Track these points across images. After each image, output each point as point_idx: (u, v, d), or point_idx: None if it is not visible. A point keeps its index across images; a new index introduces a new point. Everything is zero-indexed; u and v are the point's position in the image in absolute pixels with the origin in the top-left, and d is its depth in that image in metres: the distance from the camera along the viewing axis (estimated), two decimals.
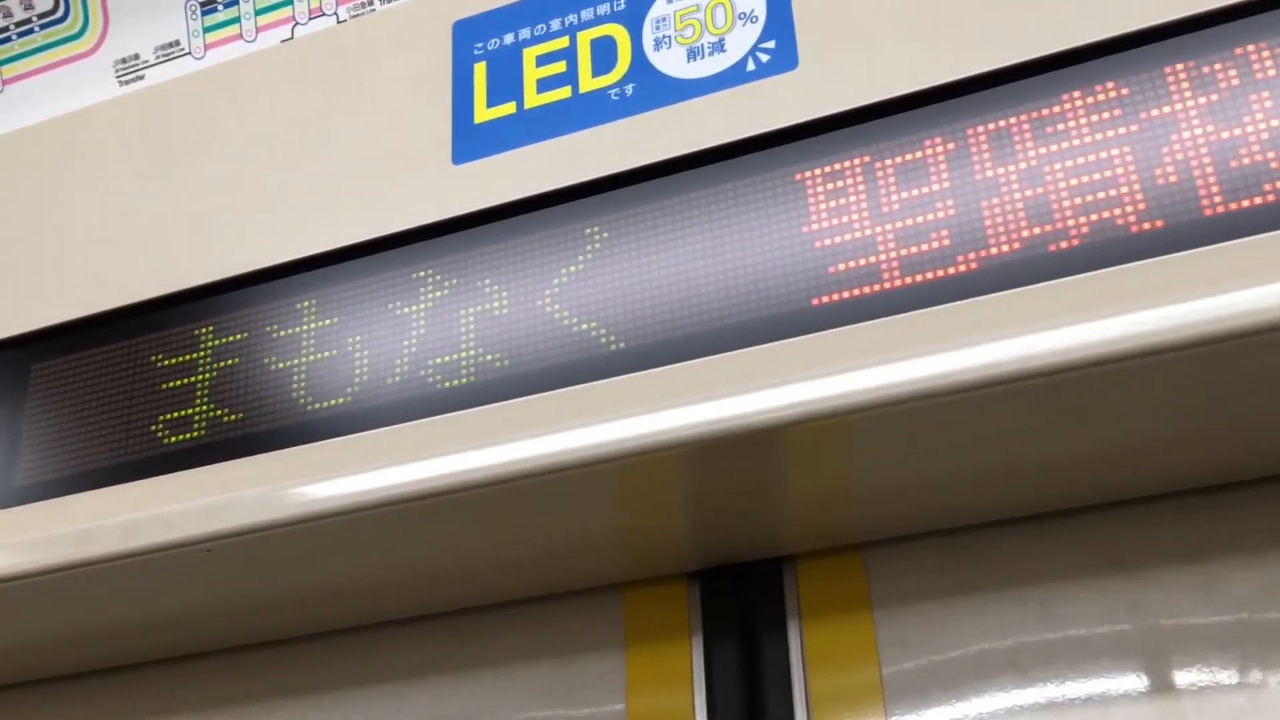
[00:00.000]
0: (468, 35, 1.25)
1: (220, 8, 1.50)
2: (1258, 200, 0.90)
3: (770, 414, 0.96)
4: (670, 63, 1.15)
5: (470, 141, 1.19)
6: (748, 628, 1.18)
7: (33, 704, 1.42)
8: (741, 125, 1.08)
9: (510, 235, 1.13)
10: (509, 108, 1.20)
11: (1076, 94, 0.98)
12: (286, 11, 1.49)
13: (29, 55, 1.57)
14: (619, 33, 1.18)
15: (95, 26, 1.54)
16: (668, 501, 1.11)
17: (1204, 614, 1.04)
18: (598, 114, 1.15)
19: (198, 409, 1.16)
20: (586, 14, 1.20)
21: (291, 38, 1.49)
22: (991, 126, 1.00)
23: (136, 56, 1.52)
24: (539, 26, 1.22)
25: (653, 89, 1.15)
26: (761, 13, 1.13)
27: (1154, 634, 1.05)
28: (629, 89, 1.16)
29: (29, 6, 1.56)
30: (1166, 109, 0.95)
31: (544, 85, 1.19)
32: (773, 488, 1.09)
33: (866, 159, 1.03)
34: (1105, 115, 0.96)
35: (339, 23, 1.46)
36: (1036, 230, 0.95)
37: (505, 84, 1.21)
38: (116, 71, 1.53)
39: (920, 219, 0.99)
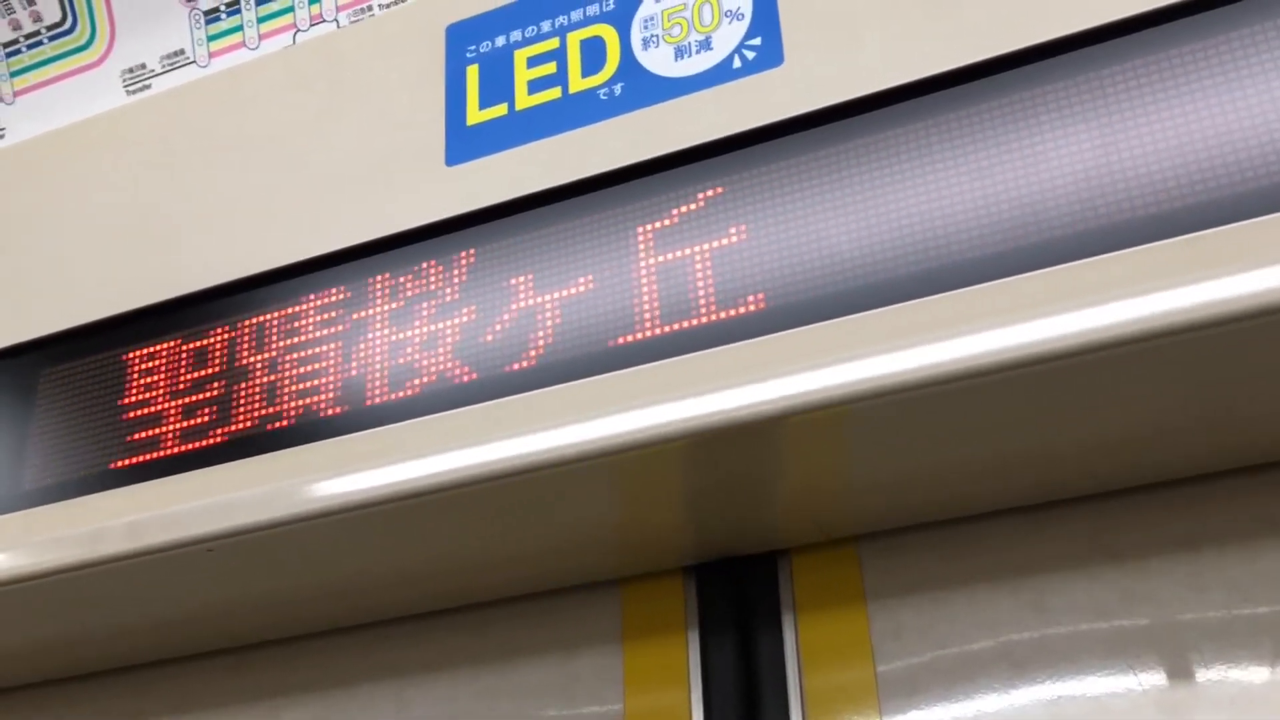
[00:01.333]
0: (460, 38, 1.26)
1: (223, 16, 1.52)
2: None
3: (763, 407, 0.97)
4: (658, 61, 1.16)
5: (464, 143, 1.20)
6: (744, 622, 1.19)
7: (44, 705, 1.44)
8: (729, 122, 1.09)
9: (504, 235, 1.14)
10: (501, 109, 1.21)
11: None
12: (288, 19, 1.51)
13: (39, 67, 1.60)
14: (608, 33, 1.19)
15: (102, 37, 1.57)
16: (664, 496, 1.12)
17: (1199, 604, 1.04)
18: (588, 114, 1.16)
19: (203, 411, 1.18)
20: (576, 15, 1.21)
21: (294, 44, 1.51)
22: (986, 109, 1.00)
23: (143, 66, 1.55)
24: (529, 28, 1.23)
25: (641, 88, 1.15)
26: (748, 10, 1.14)
27: (1150, 625, 1.04)
28: (618, 88, 1.17)
29: (38, 19, 1.59)
30: None
31: (535, 86, 1.20)
32: (767, 481, 1.10)
33: (854, 151, 1.03)
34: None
35: (339, 28, 1.48)
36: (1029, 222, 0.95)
37: (497, 86, 1.22)
38: (124, 81, 1.56)
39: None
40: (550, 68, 1.20)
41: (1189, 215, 0.90)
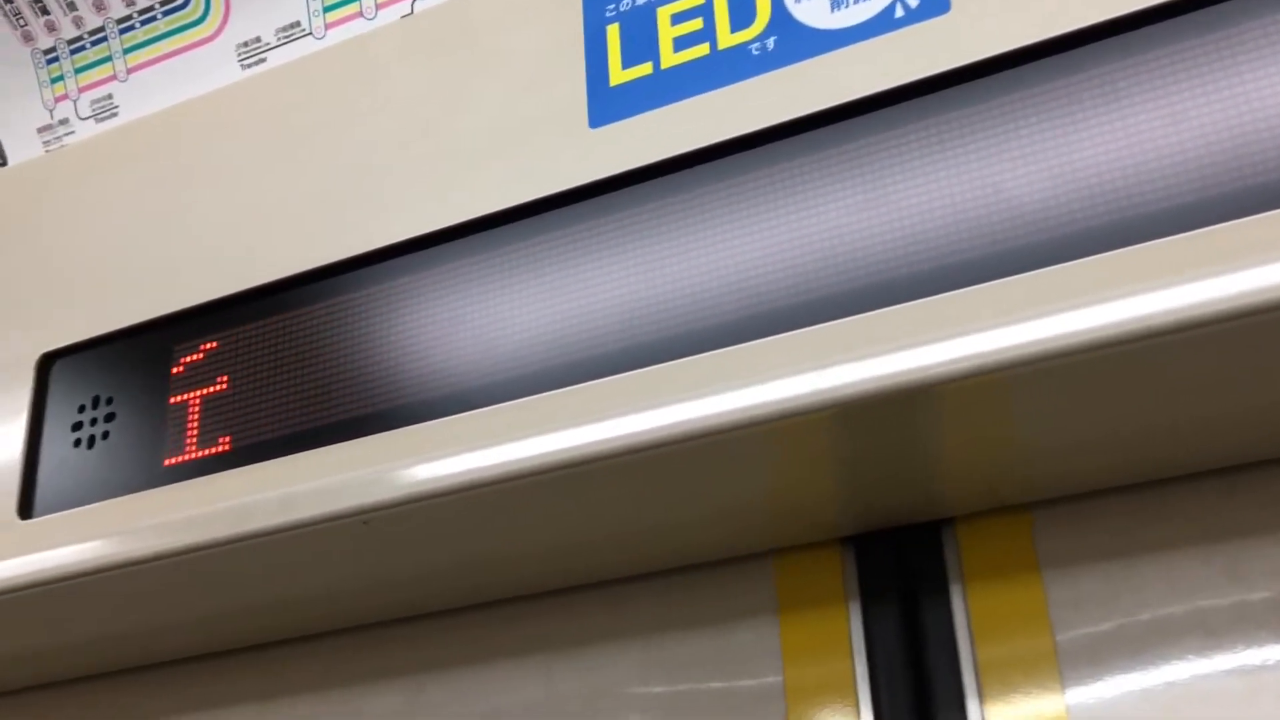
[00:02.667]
0: None
1: None
2: None
3: (920, 373, 0.93)
4: (813, 13, 1.12)
5: (606, 104, 1.17)
6: (908, 593, 1.15)
7: (173, 684, 1.44)
8: (891, 75, 1.05)
9: (652, 199, 1.11)
10: (645, 68, 1.17)
11: None
12: None
13: (152, 43, 1.58)
14: None
15: (216, 11, 1.55)
16: (819, 465, 1.08)
17: None
18: (738, 70, 1.12)
19: (344, 382, 1.16)
20: None
21: (411, 13, 1.48)
22: (1155, 58, 0.95)
23: (258, 39, 1.53)
24: None
25: (795, 41, 1.11)
26: None
27: None
28: (770, 43, 1.12)
29: None
30: None
31: (680, 43, 1.16)
32: (929, 447, 1.06)
33: (1030, 98, 0.98)
34: None
35: None
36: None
37: (640, 44, 1.18)
38: (239, 56, 1.53)
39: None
40: (696, 24, 1.16)
41: None
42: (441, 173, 1.21)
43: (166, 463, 1.21)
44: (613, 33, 1.20)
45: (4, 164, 1.63)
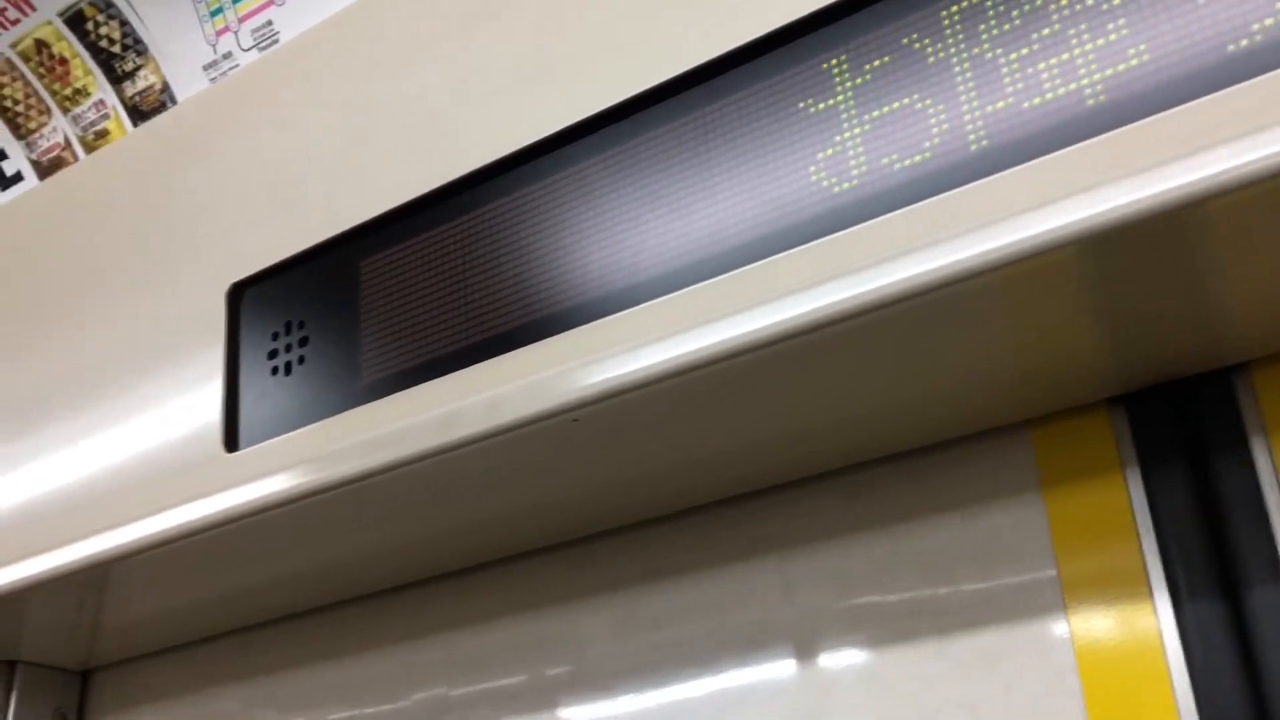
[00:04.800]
0: None
1: None
2: None
3: (1174, 193, 0.77)
4: None
5: None
6: (1198, 455, 0.99)
7: (367, 618, 1.42)
8: None
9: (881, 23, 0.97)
10: None
11: None
12: None
13: None
14: None
15: None
16: (1071, 314, 0.93)
17: None
18: None
19: (537, 280, 1.07)
20: None
21: None
22: None
23: None
24: None
25: None
26: None
27: None
28: None
29: None
30: None
31: None
32: (1206, 283, 0.90)
33: None
34: None
35: None
36: None
37: None
38: None
39: None
40: None
41: None
42: (619, 44, 1.10)
43: (364, 382, 1.16)
44: None
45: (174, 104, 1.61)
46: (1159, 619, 0.97)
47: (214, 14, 1.60)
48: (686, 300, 0.96)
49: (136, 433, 1.29)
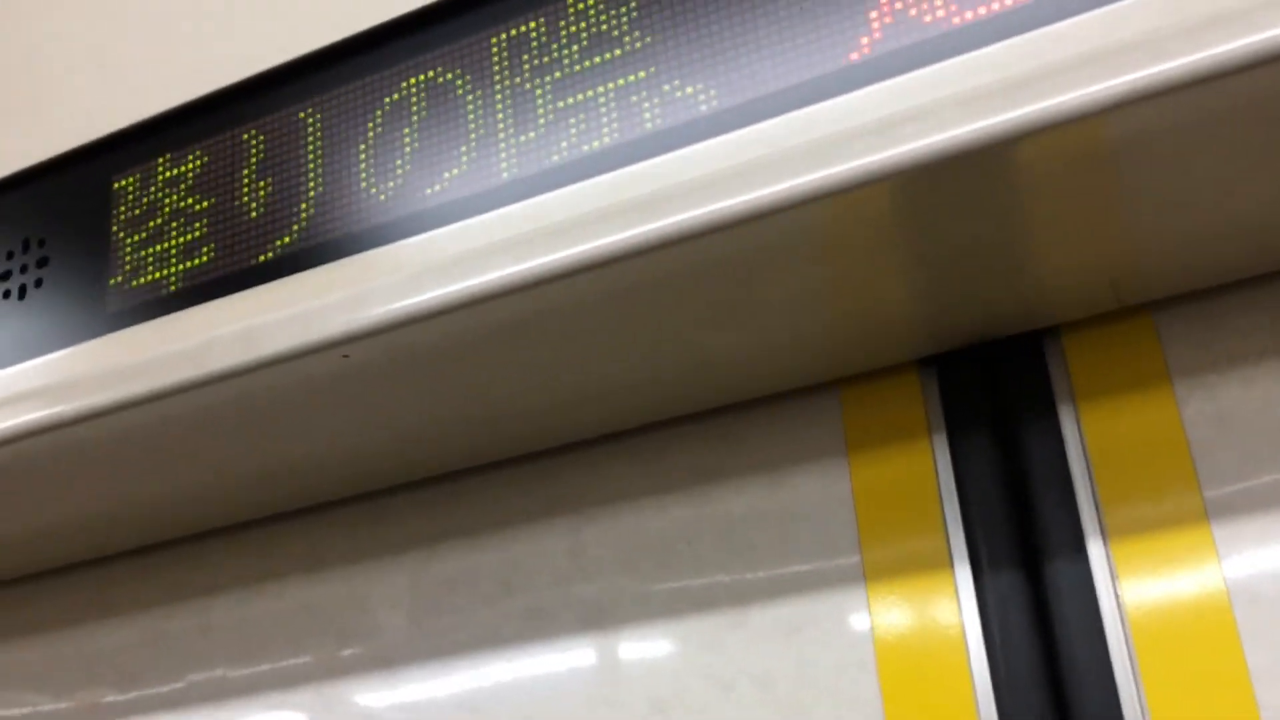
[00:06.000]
0: None
1: None
2: None
3: (992, 129, 0.72)
4: None
5: None
6: (1005, 420, 0.96)
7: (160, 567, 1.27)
8: None
9: None
10: None
11: None
12: None
13: None
14: None
15: None
16: (883, 265, 0.88)
17: None
18: None
19: (305, 203, 0.96)
20: None
21: None
22: None
23: None
24: None
25: None
26: None
27: None
28: None
29: None
30: None
31: None
32: (1017, 238, 0.86)
33: None
34: None
35: None
36: None
37: None
38: None
39: None
40: None
41: None
42: None
43: (111, 309, 1.02)
44: None
45: None
46: (958, 591, 0.93)
47: None
48: (468, 232, 0.87)
49: None
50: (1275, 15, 0.67)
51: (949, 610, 0.93)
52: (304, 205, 0.96)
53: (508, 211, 0.87)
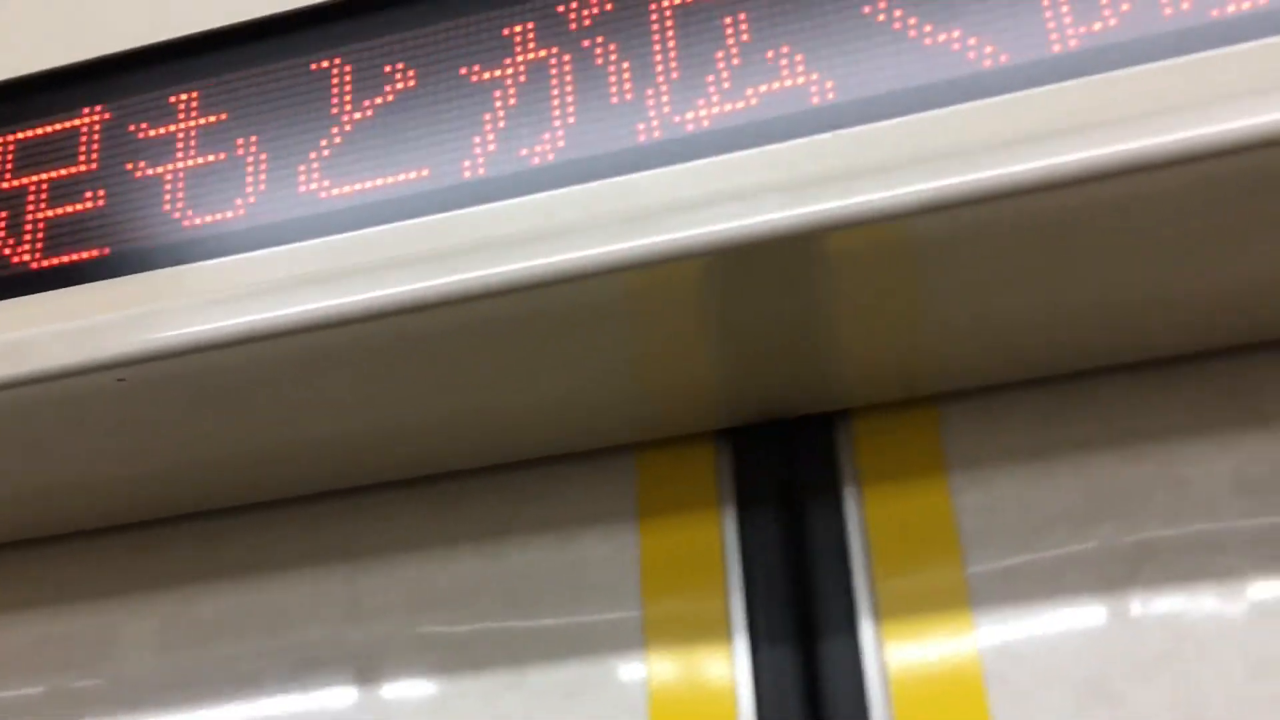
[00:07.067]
0: None
1: None
2: None
3: (804, 219, 0.75)
4: None
5: None
6: (792, 499, 0.98)
7: None
8: None
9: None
10: None
11: None
12: None
13: None
14: None
15: None
16: (688, 340, 0.90)
17: None
18: None
19: (99, 209, 0.90)
20: None
21: None
22: None
23: None
24: None
25: None
26: None
27: None
28: None
29: None
30: None
31: None
32: (819, 321, 0.89)
33: None
34: None
35: None
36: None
37: None
38: None
39: None
40: None
41: None
42: None
43: None
44: None
45: None
46: (734, 663, 0.94)
47: None
48: (271, 261, 0.83)
49: None
50: (1056, 146, 0.72)
51: (724, 683, 0.93)
52: (91, 214, 0.90)
53: (309, 245, 0.84)
